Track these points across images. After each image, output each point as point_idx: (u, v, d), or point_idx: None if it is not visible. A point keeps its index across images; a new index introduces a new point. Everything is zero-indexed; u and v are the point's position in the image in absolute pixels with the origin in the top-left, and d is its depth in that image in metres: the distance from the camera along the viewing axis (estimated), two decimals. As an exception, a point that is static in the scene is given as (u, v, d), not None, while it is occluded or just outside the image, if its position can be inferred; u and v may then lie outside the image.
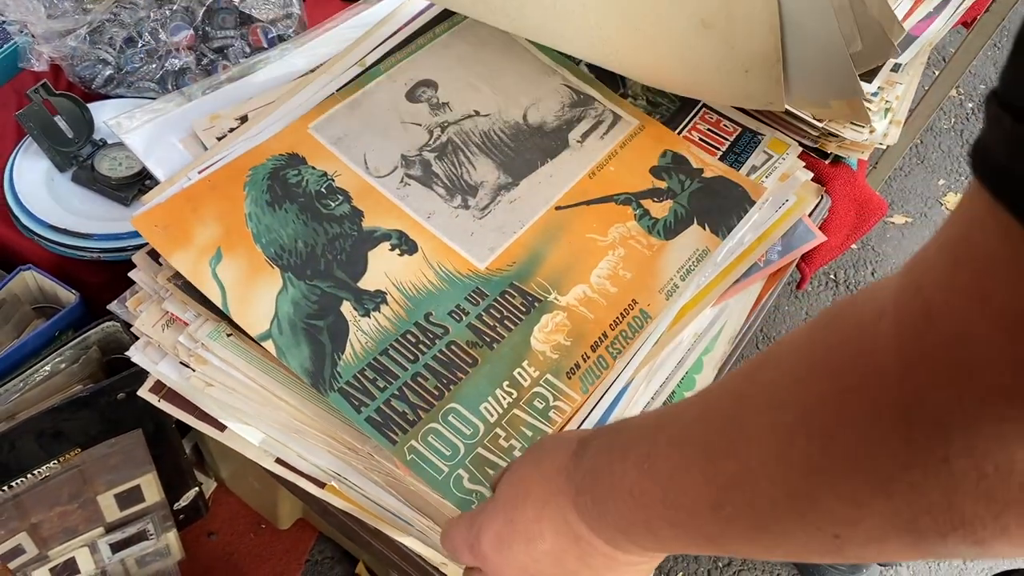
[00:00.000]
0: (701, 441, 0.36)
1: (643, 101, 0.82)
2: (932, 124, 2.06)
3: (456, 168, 0.72)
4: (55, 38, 0.93)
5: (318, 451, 0.62)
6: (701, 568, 1.24)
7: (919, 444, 0.27)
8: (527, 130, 0.77)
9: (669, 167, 0.77)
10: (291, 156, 0.69)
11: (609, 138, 0.78)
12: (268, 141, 0.69)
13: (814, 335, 0.32)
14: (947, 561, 1.35)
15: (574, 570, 0.44)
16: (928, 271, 0.27)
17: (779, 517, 0.33)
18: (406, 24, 0.81)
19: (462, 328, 0.63)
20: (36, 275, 0.83)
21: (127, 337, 0.79)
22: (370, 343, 0.61)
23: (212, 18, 0.98)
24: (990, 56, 2.23)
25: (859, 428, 0.28)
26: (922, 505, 0.27)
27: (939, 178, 1.97)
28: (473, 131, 0.75)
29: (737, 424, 0.34)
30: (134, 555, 0.93)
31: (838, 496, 0.30)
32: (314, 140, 0.70)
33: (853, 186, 0.97)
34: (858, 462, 0.29)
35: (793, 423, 0.31)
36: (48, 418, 0.76)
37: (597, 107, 0.80)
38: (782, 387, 0.32)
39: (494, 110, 0.77)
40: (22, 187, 0.86)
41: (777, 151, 0.81)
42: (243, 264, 0.62)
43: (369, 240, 0.66)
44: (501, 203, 0.71)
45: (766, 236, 0.76)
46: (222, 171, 0.66)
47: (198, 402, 0.64)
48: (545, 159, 0.75)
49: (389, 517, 0.62)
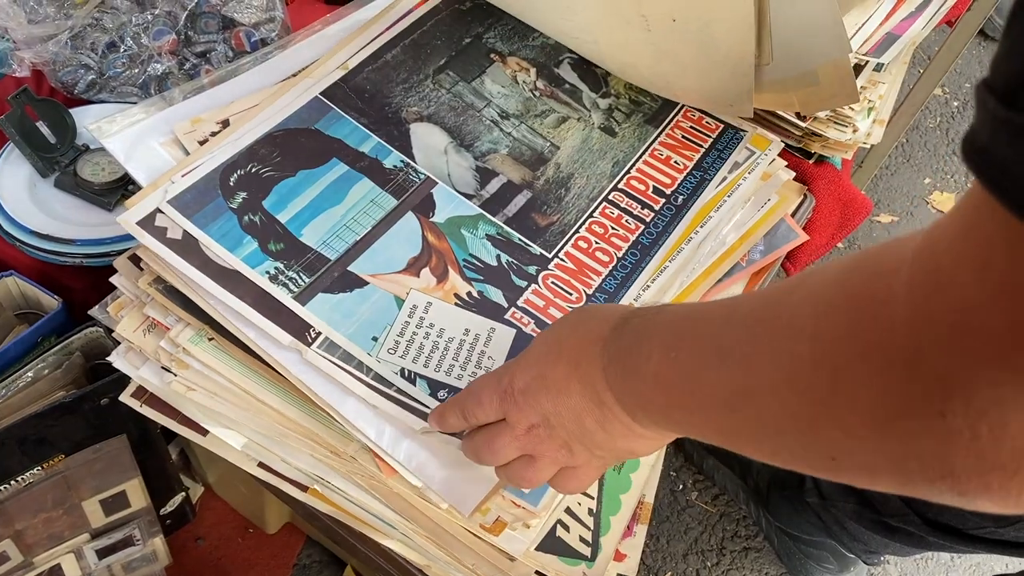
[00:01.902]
0: (723, 347, 0.39)
1: (625, 100, 0.82)
2: (918, 123, 2.07)
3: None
4: (37, 43, 0.93)
5: (300, 454, 0.62)
6: (690, 568, 1.25)
7: (918, 395, 0.28)
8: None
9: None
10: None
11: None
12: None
13: (840, 276, 0.34)
14: (935, 561, 1.35)
15: (591, 430, 0.47)
16: (942, 238, 0.29)
17: (782, 431, 0.36)
18: (388, 28, 0.81)
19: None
20: (18, 281, 0.83)
21: (110, 342, 0.79)
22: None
23: (194, 22, 0.98)
24: (975, 55, 2.24)
25: (865, 369, 0.30)
26: (914, 450, 0.29)
27: (925, 177, 1.98)
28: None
29: (756, 341, 0.37)
30: (120, 561, 0.93)
31: (837, 426, 0.32)
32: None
33: (837, 185, 0.98)
34: (860, 400, 0.31)
35: (806, 353, 0.33)
36: (31, 424, 0.75)
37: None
38: (802, 317, 0.34)
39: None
40: (4, 193, 0.85)
41: (759, 147, 0.81)
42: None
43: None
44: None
45: (748, 235, 0.77)
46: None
47: (180, 407, 0.64)
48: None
49: (372, 520, 0.62)
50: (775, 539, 1.26)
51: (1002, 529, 0.98)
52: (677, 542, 1.27)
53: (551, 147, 0.77)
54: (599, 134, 0.79)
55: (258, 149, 0.69)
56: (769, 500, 1.22)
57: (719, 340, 0.39)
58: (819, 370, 0.32)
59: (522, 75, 0.82)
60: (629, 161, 0.78)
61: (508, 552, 0.58)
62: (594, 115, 0.81)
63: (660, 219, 0.74)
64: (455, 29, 0.83)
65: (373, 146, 0.72)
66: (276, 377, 0.60)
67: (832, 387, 0.32)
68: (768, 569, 1.27)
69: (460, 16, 0.84)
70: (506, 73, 0.81)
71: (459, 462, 0.57)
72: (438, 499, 0.57)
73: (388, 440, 0.58)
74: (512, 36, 0.84)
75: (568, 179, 0.75)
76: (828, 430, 0.33)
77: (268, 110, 0.72)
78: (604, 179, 0.76)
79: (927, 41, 1.12)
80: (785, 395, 0.34)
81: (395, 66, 0.79)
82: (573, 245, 0.70)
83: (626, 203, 0.74)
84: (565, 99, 0.81)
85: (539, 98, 0.81)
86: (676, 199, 0.75)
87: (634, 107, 0.82)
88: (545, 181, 0.75)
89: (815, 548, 1.20)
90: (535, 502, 0.58)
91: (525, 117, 0.79)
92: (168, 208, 0.63)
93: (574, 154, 0.77)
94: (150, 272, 0.63)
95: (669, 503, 1.30)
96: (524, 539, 0.58)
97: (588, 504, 0.64)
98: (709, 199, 0.76)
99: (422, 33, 0.82)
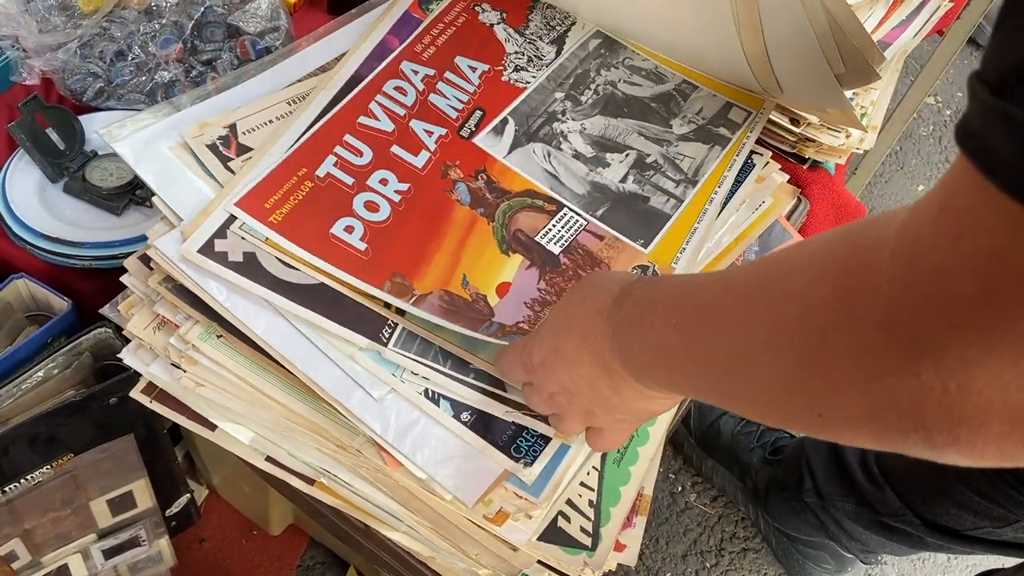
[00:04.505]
0: (719, 312, 0.43)
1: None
2: (911, 131, 2.10)
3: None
4: (46, 52, 0.95)
5: (307, 448, 0.63)
6: (689, 569, 1.26)
7: (896, 356, 0.31)
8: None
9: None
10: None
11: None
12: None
13: (828, 247, 0.37)
14: (932, 561, 1.37)
15: (606, 395, 0.52)
16: (923, 212, 0.31)
17: (774, 389, 0.39)
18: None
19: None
20: (29, 283, 0.84)
21: (119, 342, 0.80)
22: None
23: (201, 31, 1.00)
24: (967, 64, 2.26)
25: (850, 332, 0.33)
26: (891, 404, 0.32)
27: (919, 184, 2.01)
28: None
29: (750, 307, 0.40)
30: (126, 561, 0.94)
31: (824, 382, 0.35)
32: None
33: (831, 190, 1.00)
34: (844, 359, 0.34)
35: (796, 317, 0.36)
36: (42, 422, 0.77)
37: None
38: (793, 284, 0.37)
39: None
40: (14, 197, 0.87)
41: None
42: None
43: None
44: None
45: (743, 237, 0.78)
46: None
47: (189, 402, 0.65)
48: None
49: (378, 513, 0.63)
50: (773, 540, 1.27)
51: (999, 529, 0.99)
52: (676, 543, 1.28)
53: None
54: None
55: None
56: (767, 501, 1.23)
57: (716, 307, 0.43)
58: (806, 333, 0.35)
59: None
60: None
61: (511, 542, 0.59)
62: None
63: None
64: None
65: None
66: (283, 373, 0.61)
67: (819, 348, 0.35)
68: (766, 570, 1.28)
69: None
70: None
71: (462, 454, 0.59)
72: (442, 491, 0.59)
73: (393, 433, 0.59)
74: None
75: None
76: (815, 386, 0.36)
77: (295, 126, 0.72)
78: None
79: (918, 51, 1.14)
80: (776, 355, 0.38)
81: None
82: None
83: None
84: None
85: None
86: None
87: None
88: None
89: (813, 548, 1.21)
90: (537, 493, 0.59)
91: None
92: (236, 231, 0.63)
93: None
94: (159, 271, 0.65)
95: (668, 505, 1.31)
96: (526, 529, 0.60)
97: (589, 496, 0.66)
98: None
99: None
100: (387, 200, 0.68)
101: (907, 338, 0.31)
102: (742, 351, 0.40)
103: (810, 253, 0.38)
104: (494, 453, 0.59)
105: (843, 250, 0.35)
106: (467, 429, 0.60)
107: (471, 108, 0.77)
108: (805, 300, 0.36)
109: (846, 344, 0.33)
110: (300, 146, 0.69)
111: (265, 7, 1.01)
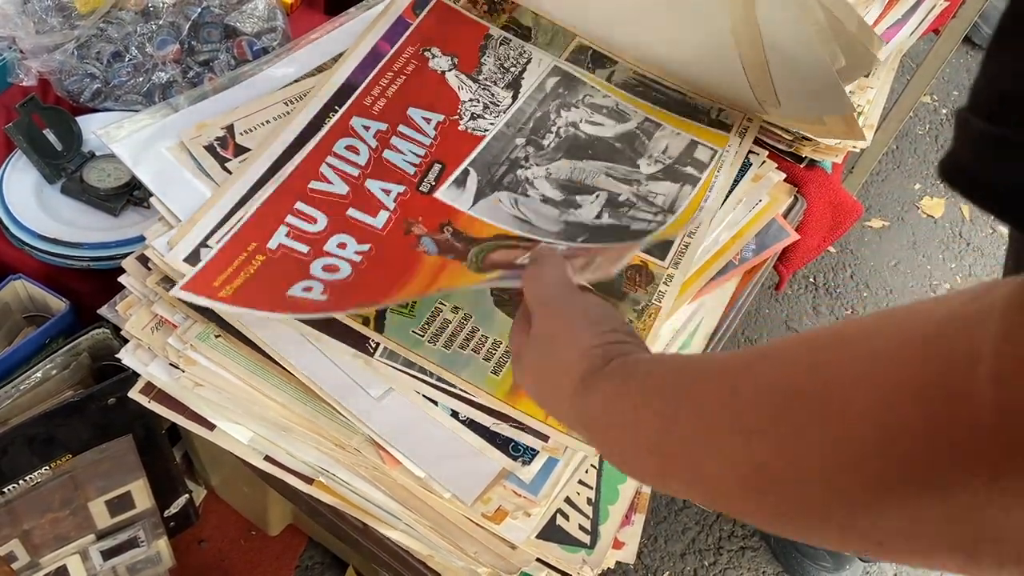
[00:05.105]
0: (742, 421, 0.34)
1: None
2: (907, 130, 2.10)
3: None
4: (43, 53, 0.95)
5: (305, 448, 0.64)
6: (688, 567, 1.26)
7: (1001, 491, 0.26)
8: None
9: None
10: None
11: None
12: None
13: (904, 354, 0.29)
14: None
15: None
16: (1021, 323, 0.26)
17: (827, 517, 0.31)
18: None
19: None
20: (27, 284, 0.84)
21: (117, 343, 0.80)
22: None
23: (198, 32, 1.00)
24: (963, 63, 2.27)
25: (943, 462, 0.27)
26: (989, 534, 0.27)
27: (915, 182, 2.01)
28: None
29: (794, 420, 0.32)
30: (125, 562, 0.94)
31: (901, 511, 0.29)
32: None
33: (828, 189, 1.00)
34: (934, 489, 0.28)
35: (869, 438, 0.29)
36: (40, 423, 0.77)
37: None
38: (860, 400, 0.30)
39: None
40: (12, 198, 0.87)
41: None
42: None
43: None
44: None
45: (740, 234, 0.79)
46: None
47: (187, 402, 0.65)
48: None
49: (376, 511, 0.64)
50: (771, 538, 1.27)
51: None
52: (675, 542, 1.28)
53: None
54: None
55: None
56: (765, 499, 1.23)
57: (735, 412, 0.34)
58: (887, 459, 0.29)
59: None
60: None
61: (509, 540, 0.60)
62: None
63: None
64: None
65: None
66: (282, 372, 0.62)
67: (902, 476, 0.29)
68: (765, 568, 1.29)
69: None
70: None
71: (461, 453, 0.59)
72: (441, 489, 0.59)
73: (392, 432, 0.60)
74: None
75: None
76: (890, 514, 0.29)
77: (286, 131, 0.71)
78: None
79: (914, 50, 1.15)
80: (835, 477, 0.30)
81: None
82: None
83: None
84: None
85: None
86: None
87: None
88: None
89: (811, 546, 1.22)
90: (535, 491, 0.59)
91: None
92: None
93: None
94: (157, 271, 0.65)
95: (667, 503, 1.32)
96: (525, 527, 0.60)
97: (587, 494, 0.66)
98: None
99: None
100: (347, 261, 0.64)
101: (1017, 473, 0.26)
102: (774, 474, 0.32)
103: (873, 354, 0.30)
104: (492, 452, 0.59)
105: (929, 366, 0.28)
106: (465, 428, 0.60)
107: (429, 162, 0.72)
108: (881, 421, 0.29)
109: (938, 473, 0.28)
110: (249, 220, 0.65)
111: (262, 7, 1.01)
